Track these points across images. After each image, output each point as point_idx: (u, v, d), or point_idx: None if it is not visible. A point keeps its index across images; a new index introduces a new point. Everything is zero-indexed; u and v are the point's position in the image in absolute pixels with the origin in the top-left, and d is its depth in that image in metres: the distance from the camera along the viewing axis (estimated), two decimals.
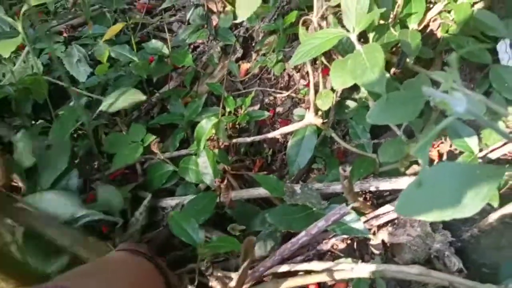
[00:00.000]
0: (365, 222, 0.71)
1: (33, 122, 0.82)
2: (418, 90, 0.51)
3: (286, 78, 0.95)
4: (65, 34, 1.08)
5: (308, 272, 0.68)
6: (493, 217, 0.62)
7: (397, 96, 0.50)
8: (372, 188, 0.70)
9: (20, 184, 0.73)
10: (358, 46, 0.58)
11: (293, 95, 0.92)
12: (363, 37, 0.69)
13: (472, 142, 0.62)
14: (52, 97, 0.84)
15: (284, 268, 0.64)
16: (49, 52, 0.88)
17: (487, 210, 0.65)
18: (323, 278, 0.65)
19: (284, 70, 0.89)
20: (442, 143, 0.76)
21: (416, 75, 0.68)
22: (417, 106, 0.47)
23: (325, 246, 0.75)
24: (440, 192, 0.35)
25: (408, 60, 0.70)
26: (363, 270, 0.62)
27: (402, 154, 0.61)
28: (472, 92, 0.40)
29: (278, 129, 0.86)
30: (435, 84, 0.65)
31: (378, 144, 0.79)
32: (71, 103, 0.85)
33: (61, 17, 1.09)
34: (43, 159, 0.63)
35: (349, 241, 0.79)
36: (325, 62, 0.71)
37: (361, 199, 0.70)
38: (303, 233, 0.47)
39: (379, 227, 0.73)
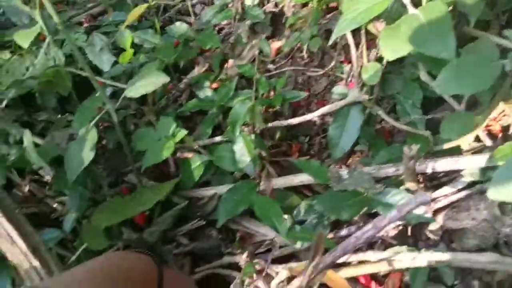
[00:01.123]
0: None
1: (59, 116, 0.79)
2: (491, 55, 0.44)
3: (320, 55, 0.88)
4: (85, 24, 1.04)
5: (361, 262, 0.63)
6: None
7: (468, 62, 0.43)
8: (429, 170, 0.63)
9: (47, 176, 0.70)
10: (411, 9, 0.50)
11: (329, 73, 0.85)
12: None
13: None
14: (78, 89, 0.81)
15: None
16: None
17: None
18: (381, 267, 0.60)
19: (321, 48, 0.81)
20: (504, 115, 0.67)
21: (475, 40, 0.60)
22: (493, 72, 0.40)
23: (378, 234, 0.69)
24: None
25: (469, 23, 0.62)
26: (427, 259, 0.55)
27: (467, 129, 0.54)
28: None
29: (314, 111, 0.80)
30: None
31: (430, 121, 0.72)
32: (97, 94, 0.81)
33: (80, 7, 1.05)
34: (68, 151, 0.59)
35: (401, 227, 0.73)
36: (372, 29, 0.64)
37: (418, 184, 0.63)
38: (369, 225, 0.41)
39: (437, 211, 0.66)
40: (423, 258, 0.56)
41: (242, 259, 0.59)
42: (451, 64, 0.42)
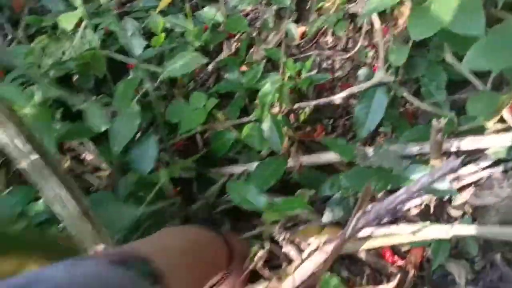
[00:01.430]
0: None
1: (94, 97, 0.83)
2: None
3: (345, 40, 0.90)
4: (115, 11, 1.07)
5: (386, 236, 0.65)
6: None
7: (496, 40, 0.45)
8: (453, 148, 0.65)
9: (89, 155, 0.75)
10: None
11: (353, 57, 0.87)
12: None
13: None
14: (111, 72, 0.85)
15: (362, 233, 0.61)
16: (104, 27, 0.87)
17: None
18: (404, 239, 0.62)
19: (344, 30, 0.84)
20: None
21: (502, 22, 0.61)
22: None
23: (400, 210, 0.71)
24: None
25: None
26: (451, 231, 0.58)
27: (492, 108, 0.56)
28: None
29: (338, 93, 0.82)
30: None
31: (455, 102, 0.73)
32: (129, 77, 0.85)
33: None
34: (113, 126, 0.63)
35: (422, 206, 0.75)
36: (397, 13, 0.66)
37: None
38: (402, 190, 0.44)
39: (460, 189, 0.68)
40: (447, 230, 0.58)
41: (275, 229, 0.62)
42: (480, 41, 0.44)
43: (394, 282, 0.56)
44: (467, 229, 0.56)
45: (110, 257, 0.32)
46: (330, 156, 0.71)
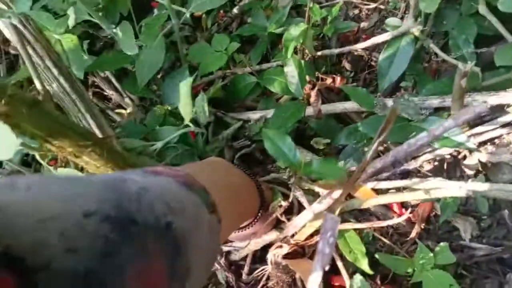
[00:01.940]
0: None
1: None
2: None
3: None
4: None
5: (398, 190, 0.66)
6: None
7: None
8: (475, 103, 0.64)
9: (112, 91, 0.76)
10: None
11: (381, 7, 0.85)
12: None
13: None
14: (135, 10, 0.84)
15: (370, 185, 0.62)
16: None
17: None
18: (416, 196, 0.63)
19: None
20: None
21: None
22: None
23: (413, 164, 0.72)
24: None
25: None
26: (462, 187, 0.58)
27: None
28: None
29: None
30: None
31: (482, 58, 0.72)
32: (153, 15, 0.85)
33: None
34: (139, 57, 0.64)
35: (436, 163, 0.76)
36: None
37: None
38: (423, 133, 0.43)
39: (477, 146, 0.68)
40: (460, 187, 0.58)
41: (287, 174, 0.63)
42: None
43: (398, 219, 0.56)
44: (480, 187, 0.57)
45: (176, 177, 0.33)
46: (348, 105, 0.71)
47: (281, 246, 0.54)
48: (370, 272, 0.56)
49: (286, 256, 0.54)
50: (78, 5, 0.60)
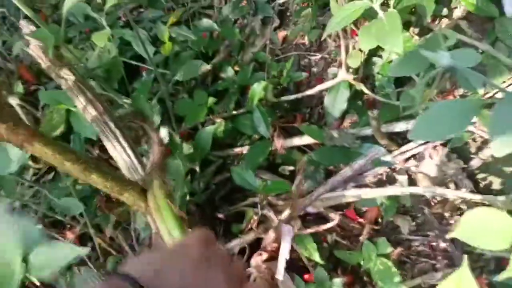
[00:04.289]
0: (393, 157, 0.87)
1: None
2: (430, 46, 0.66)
3: (319, 42, 1.09)
4: (123, 18, 1.25)
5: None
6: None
7: (413, 53, 0.64)
8: (397, 130, 0.85)
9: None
10: (380, 14, 0.71)
11: (326, 56, 1.07)
12: (385, 4, 0.82)
13: (478, 86, 0.75)
14: (126, 75, 1.03)
15: (327, 195, 0.82)
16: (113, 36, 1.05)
17: None
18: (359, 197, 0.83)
19: (319, 36, 1.03)
20: (455, 88, 0.89)
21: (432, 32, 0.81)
22: (426, 61, 0.62)
23: (360, 180, 0.92)
24: (440, 120, 0.52)
25: (424, 19, 0.83)
26: (392, 190, 0.78)
27: (420, 99, 0.76)
28: (480, 42, 0.56)
29: (314, 87, 1.02)
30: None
31: (401, 93, 0.93)
32: (142, 78, 1.04)
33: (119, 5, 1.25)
34: None
35: (379, 176, 0.96)
36: (353, 27, 0.85)
37: (387, 140, 0.86)
38: (347, 168, 0.64)
39: (404, 161, 0.89)
40: (390, 191, 0.79)
41: (260, 198, 0.82)
42: (400, 56, 0.63)
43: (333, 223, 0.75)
44: (404, 189, 0.77)
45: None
46: (305, 139, 0.91)
47: (260, 254, 0.72)
48: (321, 262, 0.74)
49: (266, 260, 0.72)
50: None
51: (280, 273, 0.46)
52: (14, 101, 0.90)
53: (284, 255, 0.47)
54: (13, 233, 0.52)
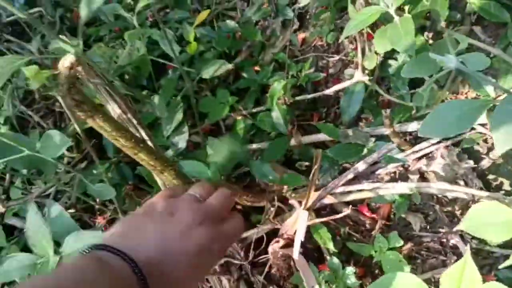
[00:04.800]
0: (405, 156, 0.91)
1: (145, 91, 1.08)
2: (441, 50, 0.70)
3: (336, 44, 1.14)
4: (150, 19, 1.32)
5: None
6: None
7: (424, 56, 0.68)
8: (409, 129, 0.89)
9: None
10: (395, 18, 0.75)
11: (343, 58, 1.11)
12: (400, 9, 0.86)
13: (489, 88, 0.78)
14: (154, 73, 1.10)
15: (341, 189, 0.87)
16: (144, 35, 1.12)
17: None
18: (372, 194, 0.87)
19: (337, 39, 1.07)
20: (468, 91, 0.92)
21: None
22: (436, 64, 0.66)
23: (374, 177, 0.96)
24: (448, 118, 0.56)
25: (438, 24, 0.86)
26: (403, 186, 0.82)
27: (433, 100, 0.79)
28: (493, 47, 0.60)
29: (331, 87, 1.06)
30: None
31: (414, 94, 0.97)
32: (168, 76, 1.10)
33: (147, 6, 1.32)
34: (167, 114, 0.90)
35: (392, 174, 1.00)
36: (369, 31, 0.89)
37: (400, 139, 0.89)
38: (361, 162, 0.68)
39: (416, 160, 0.93)
40: (400, 186, 0.82)
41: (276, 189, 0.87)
42: (413, 58, 0.67)
43: None
44: (416, 185, 0.81)
45: None
46: (321, 136, 0.96)
47: (278, 241, 0.77)
48: (335, 250, 0.79)
49: (282, 247, 0.77)
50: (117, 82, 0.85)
51: (296, 252, 0.51)
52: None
53: (299, 236, 0.52)
54: (45, 225, 0.58)
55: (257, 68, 1.09)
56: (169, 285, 0.39)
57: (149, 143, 0.65)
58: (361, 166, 0.74)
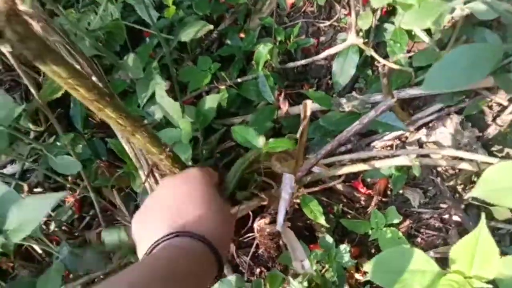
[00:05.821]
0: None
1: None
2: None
3: (328, 9, 1.05)
4: None
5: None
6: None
7: (426, 4, 0.60)
8: (407, 95, 0.81)
9: None
10: None
11: (335, 24, 1.02)
12: None
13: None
14: (129, 40, 1.00)
15: (333, 159, 0.79)
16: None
17: None
18: (367, 167, 0.79)
19: (326, 1, 0.98)
20: None
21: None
22: (442, 13, 0.58)
23: (369, 149, 0.89)
24: (457, 67, 0.48)
25: None
26: (402, 158, 0.75)
27: (432, 60, 0.72)
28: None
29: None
30: None
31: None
32: (146, 43, 1.01)
33: None
34: (138, 82, 0.81)
35: (388, 148, 0.92)
36: None
37: (399, 108, 0.82)
38: (356, 122, 0.60)
39: (416, 130, 0.85)
40: (401, 158, 0.75)
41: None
42: (414, 7, 0.59)
43: None
44: (412, 153, 0.73)
45: None
46: (312, 106, 0.87)
47: (264, 216, 0.70)
48: (327, 225, 0.71)
49: (269, 223, 0.70)
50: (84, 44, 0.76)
51: (280, 221, 0.43)
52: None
53: (284, 205, 0.44)
54: None
55: (242, 35, 1.00)
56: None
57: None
58: (356, 126, 0.65)
